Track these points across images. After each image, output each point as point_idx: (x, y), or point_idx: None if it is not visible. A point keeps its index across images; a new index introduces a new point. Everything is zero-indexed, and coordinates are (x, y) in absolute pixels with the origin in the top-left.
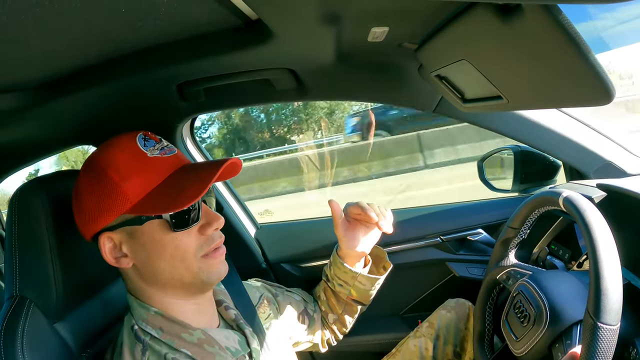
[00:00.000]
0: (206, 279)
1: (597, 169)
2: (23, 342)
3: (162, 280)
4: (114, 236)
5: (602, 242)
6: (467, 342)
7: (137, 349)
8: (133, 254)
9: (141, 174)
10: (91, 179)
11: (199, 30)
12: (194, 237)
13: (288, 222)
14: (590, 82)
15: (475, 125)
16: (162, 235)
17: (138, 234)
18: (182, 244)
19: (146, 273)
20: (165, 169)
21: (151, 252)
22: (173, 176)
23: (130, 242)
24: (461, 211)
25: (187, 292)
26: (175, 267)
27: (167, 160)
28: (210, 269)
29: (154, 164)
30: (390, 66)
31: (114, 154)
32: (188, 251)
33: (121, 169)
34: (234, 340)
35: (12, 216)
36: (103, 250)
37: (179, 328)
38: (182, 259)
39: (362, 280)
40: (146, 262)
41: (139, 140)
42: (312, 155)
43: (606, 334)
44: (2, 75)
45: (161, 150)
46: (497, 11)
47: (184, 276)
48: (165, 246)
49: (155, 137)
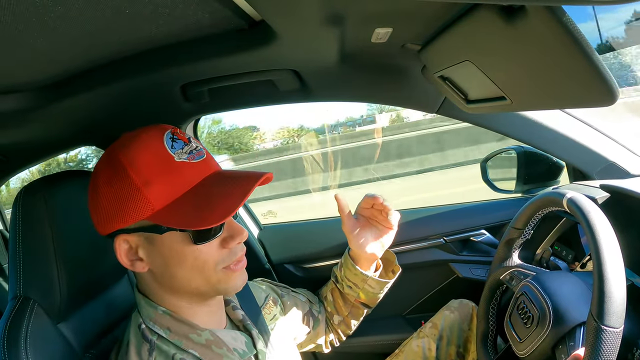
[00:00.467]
0: (223, 290)
1: (600, 170)
2: (27, 343)
3: (178, 286)
4: (130, 239)
5: (606, 243)
6: (470, 342)
7: (144, 349)
8: (150, 259)
9: (166, 180)
10: (111, 176)
11: (203, 31)
12: (215, 249)
13: (291, 223)
14: (594, 83)
15: (479, 125)
16: (183, 246)
17: (157, 242)
18: (202, 256)
19: (162, 278)
20: (193, 177)
21: (169, 260)
22: (201, 185)
23: (147, 248)
24: (464, 212)
25: (202, 297)
26: (193, 277)
27: (195, 166)
28: (228, 281)
29: (181, 169)
30: (394, 67)
31: (137, 153)
32: (208, 262)
33: (144, 171)
34: (241, 341)
35: (16, 216)
36: (118, 252)
37: (187, 328)
38: (202, 270)
39: (372, 283)
40: (164, 270)
41: (167, 140)
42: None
43: (610, 337)
44: (6, 76)
45: (189, 155)
46: (500, 12)
47: (202, 286)
48: (185, 257)
49: (184, 136)
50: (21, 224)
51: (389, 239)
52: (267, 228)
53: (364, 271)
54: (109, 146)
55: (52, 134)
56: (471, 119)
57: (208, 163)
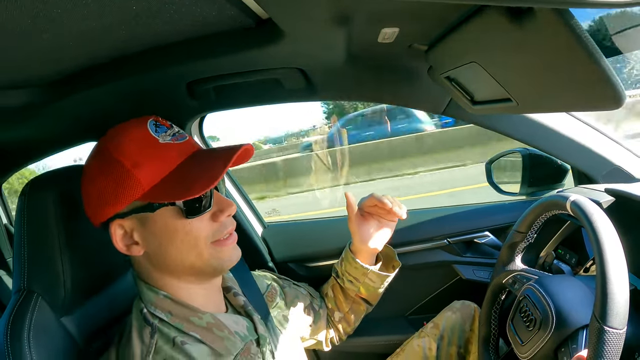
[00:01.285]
0: (217, 265)
1: (605, 174)
2: (30, 336)
3: (173, 266)
4: (125, 223)
5: (609, 246)
6: (472, 343)
7: (145, 332)
8: (144, 242)
9: (153, 161)
10: (101, 166)
11: (210, 29)
12: (206, 223)
13: (295, 221)
14: (601, 86)
15: (484, 127)
16: (175, 222)
17: (150, 221)
18: (193, 230)
19: (157, 259)
20: (178, 156)
21: (163, 239)
22: (186, 163)
23: (141, 230)
24: (468, 214)
25: (198, 277)
26: (186, 253)
27: (180, 146)
28: (221, 255)
29: (166, 150)
30: (400, 67)
31: (124, 140)
32: (200, 238)
33: (133, 155)
34: (242, 325)
35: (21, 210)
36: (114, 237)
37: (188, 312)
38: (194, 245)
39: (372, 277)
40: (157, 249)
41: (150, 126)
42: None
43: (612, 338)
44: (13, 71)
45: (173, 137)
46: (507, 14)
47: (195, 262)
48: (177, 232)
49: (166, 122)
50: (26, 217)
51: (390, 232)
52: (271, 226)
53: (364, 264)
54: (97, 142)
55: (56, 130)
56: (477, 120)
57: (191, 143)
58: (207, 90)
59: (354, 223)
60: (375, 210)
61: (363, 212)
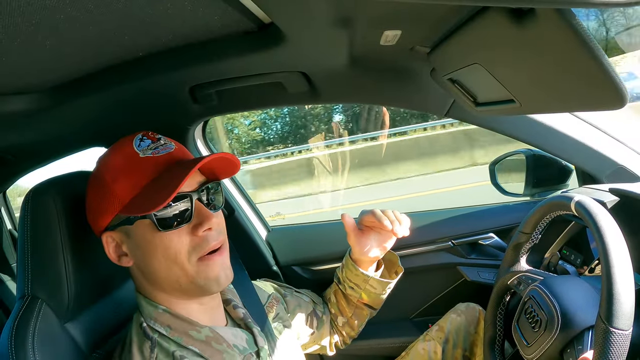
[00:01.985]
0: (203, 284)
1: (609, 173)
2: (34, 342)
3: (159, 280)
4: (114, 235)
5: (614, 246)
6: (477, 346)
7: (145, 346)
8: (131, 253)
9: (130, 175)
10: (92, 181)
11: (212, 33)
12: (185, 237)
13: (299, 225)
14: (604, 86)
15: (488, 128)
16: (152, 235)
17: (132, 234)
18: (172, 245)
19: (146, 272)
20: (156, 168)
21: (144, 252)
22: (162, 175)
23: (127, 242)
24: (472, 215)
25: (187, 294)
26: (169, 269)
27: (159, 158)
28: (207, 274)
29: (144, 163)
30: (403, 69)
31: (110, 156)
32: (180, 253)
33: (112, 170)
34: (241, 338)
35: (25, 216)
36: (106, 248)
37: (187, 325)
38: (174, 261)
39: (373, 283)
40: (142, 262)
41: (135, 141)
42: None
43: (618, 339)
44: (17, 77)
45: (154, 150)
46: (509, 15)
47: (180, 278)
48: (156, 247)
49: (154, 137)
50: (30, 223)
51: (391, 243)
52: (275, 230)
53: (364, 271)
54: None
55: (61, 135)
56: (480, 122)
57: (174, 154)
58: (209, 95)
59: (352, 239)
60: (372, 223)
61: (362, 227)
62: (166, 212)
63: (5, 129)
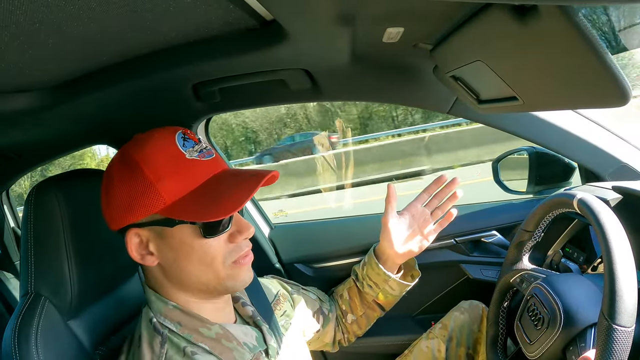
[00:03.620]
0: (231, 286)
1: (612, 171)
2: (37, 339)
3: (187, 282)
4: (142, 233)
5: (617, 243)
6: (480, 344)
7: (155, 341)
8: (160, 254)
9: (178, 176)
10: (125, 172)
11: (214, 30)
12: (223, 243)
13: (302, 222)
14: (607, 83)
15: (490, 126)
16: (192, 239)
17: (167, 235)
18: (210, 250)
19: (171, 273)
20: (203, 173)
21: (179, 254)
22: (211, 181)
23: (158, 242)
24: (475, 213)
25: (210, 294)
26: (202, 272)
27: (206, 163)
28: (237, 276)
29: (192, 166)
30: (405, 67)
31: (151, 151)
32: (216, 257)
33: (158, 167)
34: (251, 336)
35: (28, 214)
36: (129, 245)
37: (197, 322)
38: (210, 265)
39: (392, 284)
40: (173, 264)
41: (178, 139)
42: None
43: (621, 336)
44: (19, 75)
45: (200, 153)
46: (512, 12)
47: (211, 281)
48: (194, 250)
49: (194, 137)
50: (33, 221)
51: (419, 249)
52: (278, 227)
53: (387, 271)
54: (122, 146)
55: (64, 133)
56: (483, 119)
57: (217, 162)
58: (212, 92)
59: (387, 216)
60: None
61: (405, 214)
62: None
63: (8, 127)
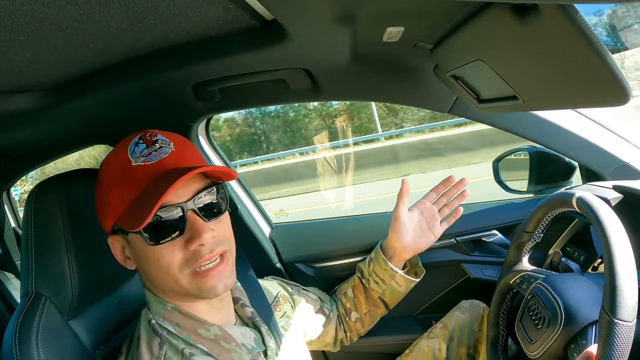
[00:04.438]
0: (198, 294)
1: (613, 171)
2: (38, 339)
3: (159, 286)
4: (118, 239)
5: (616, 239)
6: (481, 343)
7: (154, 343)
8: (133, 259)
9: (122, 185)
10: (97, 183)
11: (215, 30)
12: (178, 251)
13: (302, 222)
14: (607, 83)
15: (491, 125)
16: (145, 247)
17: (130, 243)
18: (164, 258)
19: (147, 277)
20: (146, 179)
21: (141, 260)
22: (151, 186)
23: (128, 247)
24: (476, 213)
25: (188, 297)
26: (163, 278)
27: (149, 168)
28: (200, 285)
29: (135, 173)
30: (406, 66)
31: (109, 161)
32: (172, 265)
33: (108, 178)
34: (250, 337)
35: (29, 214)
36: (112, 249)
37: (196, 324)
38: (167, 272)
39: (399, 280)
40: (141, 268)
41: (130, 146)
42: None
43: (622, 330)
44: (20, 75)
45: (146, 157)
46: (512, 11)
47: (174, 287)
48: (149, 258)
49: (150, 139)
50: (33, 221)
51: (426, 245)
52: (278, 227)
53: (394, 267)
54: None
55: (65, 133)
56: (483, 119)
57: (165, 161)
58: (212, 92)
59: (397, 210)
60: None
61: (414, 210)
62: (156, 225)
63: (9, 127)
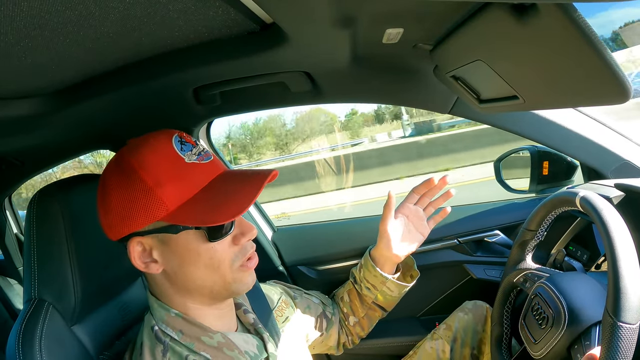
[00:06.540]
0: (236, 290)
1: (614, 169)
2: (41, 345)
3: (193, 287)
4: (144, 241)
5: (620, 240)
6: (485, 344)
7: (157, 350)
8: (164, 261)
9: (178, 181)
10: (121, 179)
11: (214, 34)
12: (228, 246)
13: (305, 224)
14: (607, 81)
15: (492, 125)
16: (198, 244)
17: (172, 242)
18: (217, 254)
19: (176, 279)
20: (204, 177)
21: (185, 260)
22: (212, 185)
23: (162, 249)
24: (478, 213)
25: (213, 299)
26: (208, 276)
27: (206, 167)
28: (242, 279)
29: (192, 170)
30: (406, 67)
31: (148, 155)
32: (223, 261)
33: (157, 173)
34: (252, 344)
35: (30, 220)
36: (132, 255)
37: (199, 331)
38: (217, 269)
39: (390, 286)
40: (178, 270)
41: (175, 143)
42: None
43: (626, 333)
44: (20, 81)
45: (198, 156)
46: (512, 11)
47: (216, 284)
48: (200, 256)
49: (191, 139)
50: (35, 227)
51: (417, 245)
52: (280, 230)
53: (383, 273)
54: (117, 152)
55: (66, 138)
56: (484, 119)
57: (216, 164)
58: (213, 96)
59: (385, 223)
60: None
61: (398, 215)
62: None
63: (10, 133)
